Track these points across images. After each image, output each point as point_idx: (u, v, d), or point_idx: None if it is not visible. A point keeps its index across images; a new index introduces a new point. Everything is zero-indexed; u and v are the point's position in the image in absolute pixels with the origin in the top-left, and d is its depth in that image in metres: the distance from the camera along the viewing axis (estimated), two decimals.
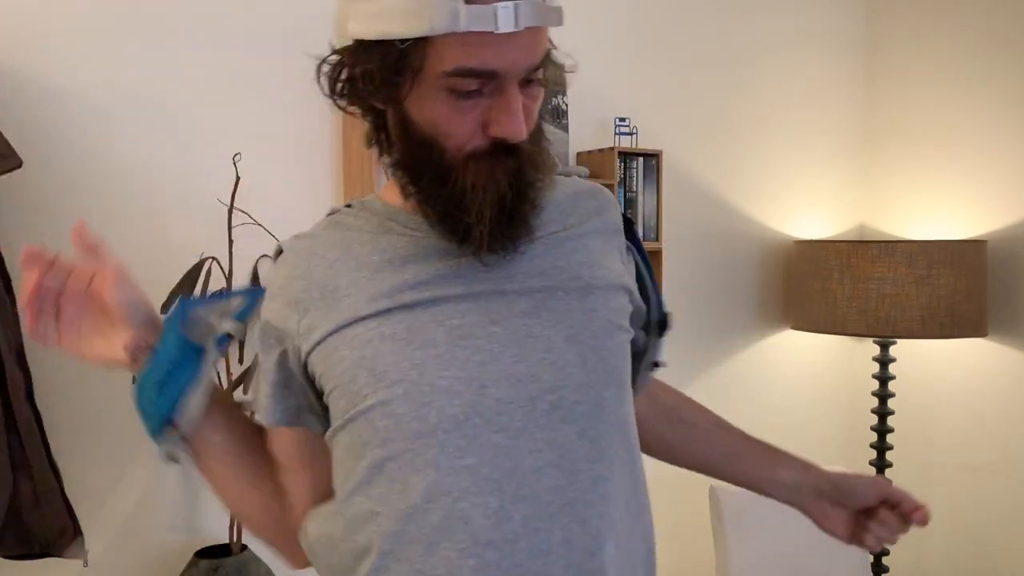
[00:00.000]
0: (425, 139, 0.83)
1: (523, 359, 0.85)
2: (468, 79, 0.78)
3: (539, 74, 0.82)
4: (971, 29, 2.62)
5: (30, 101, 1.65)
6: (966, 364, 2.61)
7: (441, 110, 0.80)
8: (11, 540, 1.51)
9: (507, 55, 0.77)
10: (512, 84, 0.79)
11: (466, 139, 0.81)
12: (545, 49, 0.81)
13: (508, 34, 0.75)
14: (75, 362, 1.70)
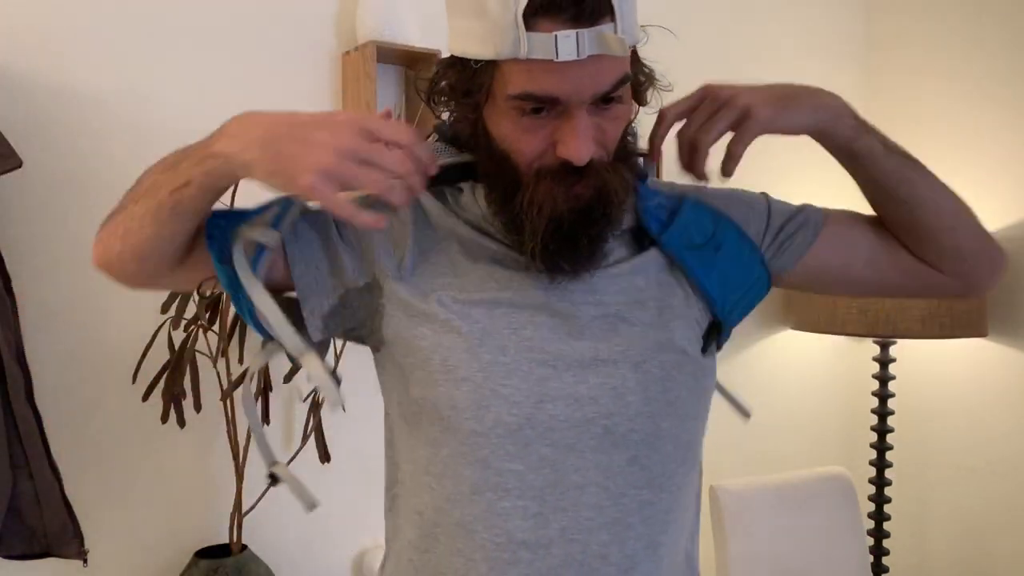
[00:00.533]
0: (500, 153, 0.85)
1: (584, 380, 0.87)
2: (530, 103, 0.79)
3: (617, 94, 0.81)
4: (971, 29, 2.62)
5: (30, 101, 1.65)
6: (966, 364, 2.62)
7: (511, 128, 0.82)
8: (11, 540, 1.51)
9: (569, 82, 0.77)
10: (578, 107, 0.79)
11: (535, 157, 0.82)
12: (619, 75, 0.80)
13: (571, 62, 0.76)
14: (75, 362, 1.70)
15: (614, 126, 0.84)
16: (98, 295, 1.72)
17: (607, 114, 0.82)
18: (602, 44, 0.76)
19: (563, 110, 0.80)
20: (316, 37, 1.95)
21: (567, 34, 0.75)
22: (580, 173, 0.81)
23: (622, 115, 0.85)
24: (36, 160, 1.64)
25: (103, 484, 1.73)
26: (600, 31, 0.76)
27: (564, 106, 0.79)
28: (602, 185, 0.83)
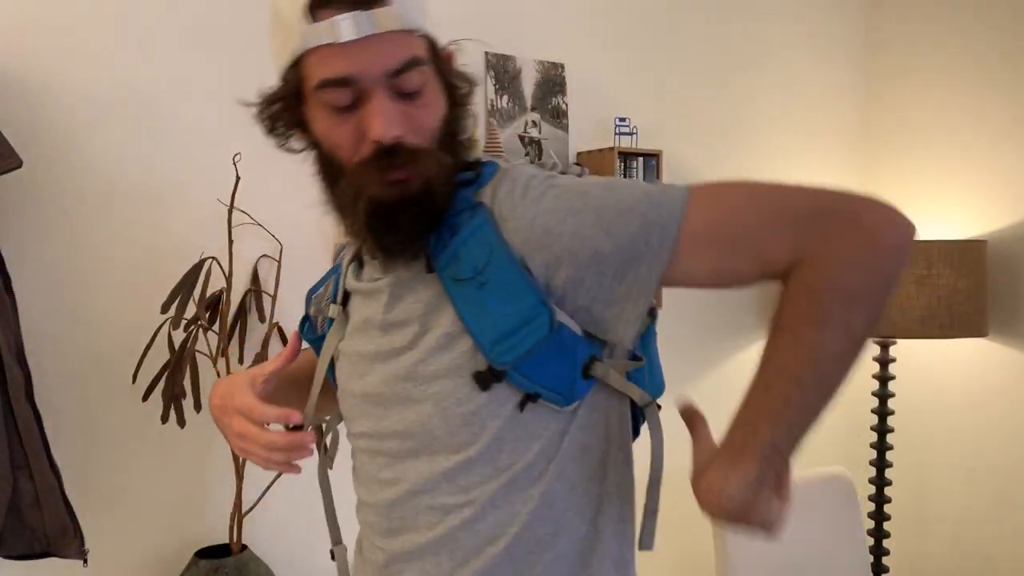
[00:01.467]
0: (326, 154, 0.89)
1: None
2: (332, 90, 0.84)
3: (410, 79, 0.85)
4: (971, 30, 2.62)
5: (30, 101, 1.65)
6: (966, 364, 2.62)
7: (325, 125, 0.87)
8: (11, 540, 1.51)
9: (358, 61, 0.83)
10: (376, 89, 0.84)
11: (352, 150, 0.86)
12: (407, 55, 0.84)
13: (357, 42, 0.82)
14: (75, 362, 1.70)
15: (424, 114, 0.87)
16: (98, 295, 1.72)
17: (413, 103, 0.86)
18: (379, 22, 0.82)
19: (365, 98, 0.84)
20: None
21: (344, 16, 0.81)
22: (394, 156, 0.84)
23: (431, 104, 0.88)
24: (36, 160, 1.64)
25: (103, 484, 1.73)
26: (378, 11, 0.82)
27: (364, 92, 0.84)
28: (417, 167, 0.85)
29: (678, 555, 2.53)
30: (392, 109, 0.84)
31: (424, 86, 0.86)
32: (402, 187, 0.85)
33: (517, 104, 2.21)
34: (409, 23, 0.84)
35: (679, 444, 2.78)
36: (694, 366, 2.59)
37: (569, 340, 0.88)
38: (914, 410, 2.70)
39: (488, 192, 0.89)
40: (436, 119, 0.88)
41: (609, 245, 0.83)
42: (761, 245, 0.82)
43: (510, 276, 0.86)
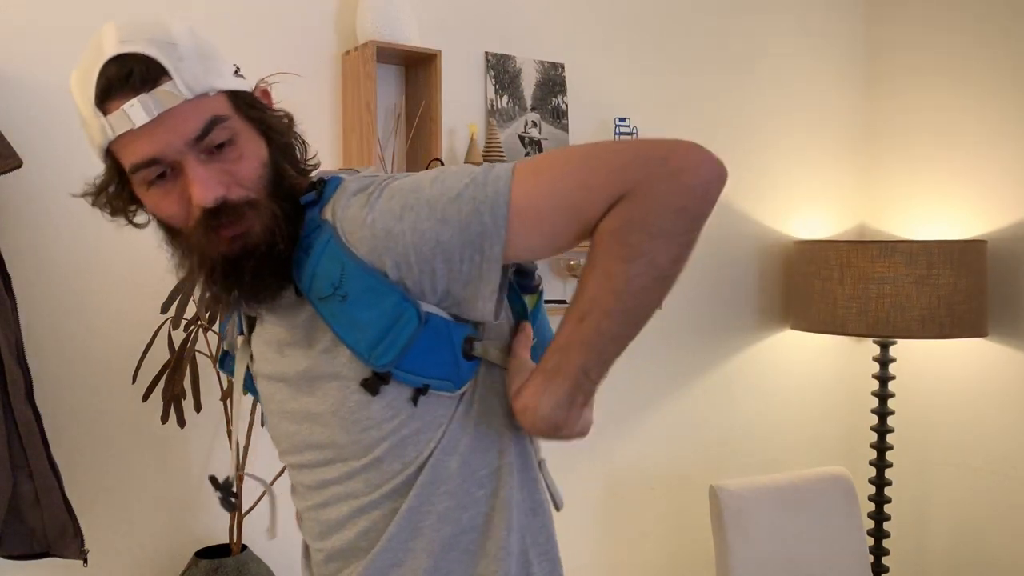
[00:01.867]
0: (166, 226, 0.93)
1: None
2: (144, 171, 0.88)
3: (216, 137, 0.87)
4: (971, 30, 2.62)
5: (30, 101, 1.65)
6: (966, 364, 2.62)
7: (153, 201, 0.91)
8: (11, 540, 1.51)
9: (157, 141, 0.86)
10: (186, 158, 0.87)
11: (184, 217, 0.90)
12: (204, 119, 0.87)
13: (151, 124, 0.85)
14: (75, 362, 1.70)
15: (243, 166, 0.90)
16: (98, 295, 1.72)
17: (227, 157, 0.89)
18: (163, 101, 0.85)
19: (178, 170, 0.88)
20: (316, 37, 1.95)
21: (131, 104, 0.85)
22: (222, 215, 0.88)
23: (246, 154, 0.90)
24: (36, 160, 1.64)
25: (103, 484, 1.73)
26: (159, 91, 0.85)
27: (175, 165, 0.87)
28: (249, 219, 0.89)
29: (678, 555, 2.53)
30: (206, 173, 0.87)
31: (235, 137, 0.89)
32: (243, 240, 0.89)
33: (517, 104, 2.21)
34: (196, 90, 0.87)
35: (678, 443, 2.78)
36: (694, 366, 2.59)
37: (441, 327, 0.92)
38: (914, 410, 2.70)
39: (329, 209, 0.93)
40: (256, 166, 0.91)
41: (448, 232, 0.87)
42: (582, 207, 0.87)
43: (366, 283, 0.89)
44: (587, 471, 2.38)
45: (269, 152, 0.93)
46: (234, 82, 0.92)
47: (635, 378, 2.46)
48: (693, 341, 2.58)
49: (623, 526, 2.46)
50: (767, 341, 2.74)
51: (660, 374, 2.52)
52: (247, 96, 0.94)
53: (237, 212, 0.88)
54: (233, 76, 0.92)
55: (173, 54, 0.86)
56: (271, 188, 0.92)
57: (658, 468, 2.53)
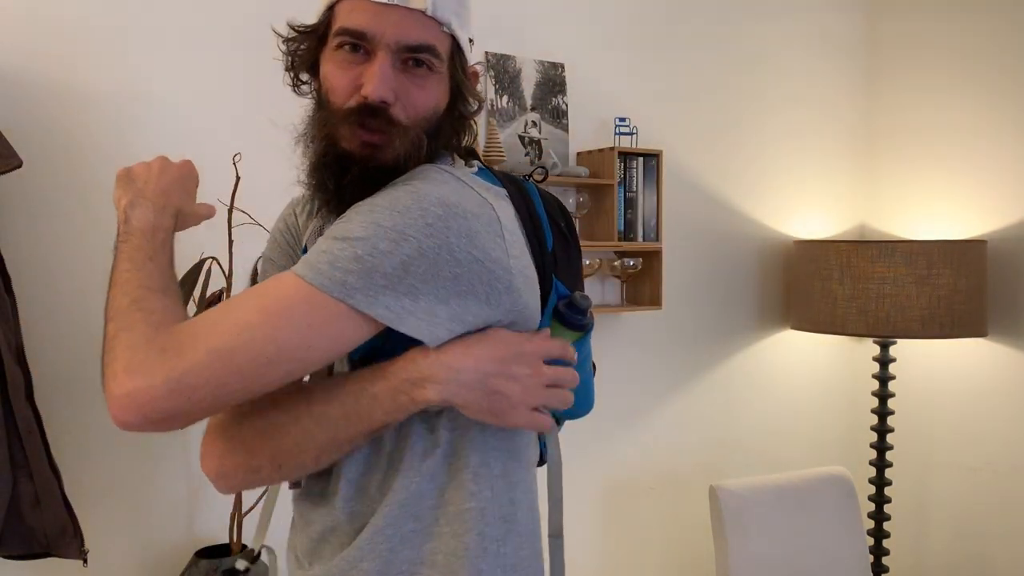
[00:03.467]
0: (323, 99, 0.94)
1: None
2: (348, 38, 0.90)
3: (423, 57, 0.90)
4: (971, 30, 2.62)
5: (30, 101, 1.65)
6: (966, 364, 2.61)
7: (331, 67, 0.92)
8: (11, 540, 1.51)
9: (379, 22, 0.88)
10: (383, 51, 0.89)
11: (344, 96, 0.90)
12: (426, 37, 0.89)
13: (384, 6, 0.88)
14: (75, 362, 1.70)
15: (422, 95, 0.91)
16: (98, 295, 1.72)
17: (415, 79, 0.91)
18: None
19: (371, 56, 0.89)
20: None
21: None
22: (374, 116, 0.89)
23: (431, 87, 0.92)
24: (36, 160, 1.64)
25: (103, 484, 1.73)
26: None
27: (374, 51, 0.89)
28: (392, 138, 0.90)
29: (678, 555, 2.53)
30: (390, 74, 0.89)
31: (432, 72, 0.92)
32: (374, 151, 0.89)
33: (517, 104, 2.21)
34: (438, 14, 0.90)
35: (678, 443, 2.79)
36: (694, 366, 2.59)
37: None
38: (914, 410, 2.70)
39: None
40: (430, 106, 0.93)
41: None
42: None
43: None
44: (587, 471, 2.38)
45: (446, 109, 0.95)
46: (465, 42, 0.96)
47: (635, 378, 2.46)
48: (693, 341, 2.58)
49: (623, 526, 2.45)
50: (767, 341, 2.74)
51: (660, 374, 2.52)
52: (463, 58, 0.96)
53: (388, 123, 0.89)
54: (468, 40, 0.97)
55: None
56: (425, 135, 0.93)
57: (658, 468, 2.53)
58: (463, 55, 0.96)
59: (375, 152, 0.89)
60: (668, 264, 2.43)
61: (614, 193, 2.24)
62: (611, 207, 2.25)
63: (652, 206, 2.34)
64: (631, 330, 2.44)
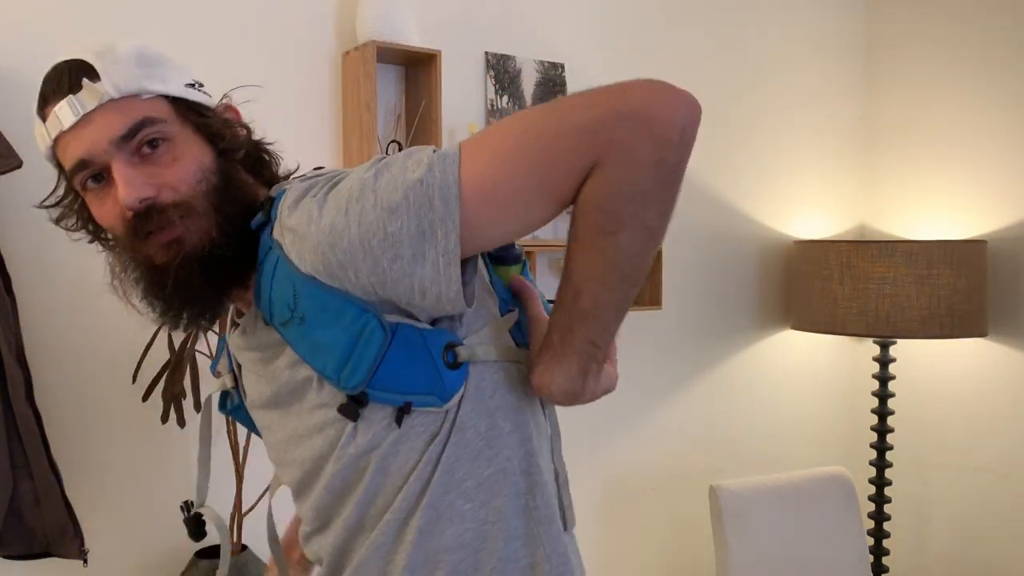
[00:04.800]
0: (110, 235, 0.92)
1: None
2: (78, 174, 0.87)
3: (147, 133, 0.86)
4: (971, 29, 2.62)
5: (30, 101, 1.65)
6: (966, 364, 2.62)
7: (95, 209, 0.90)
8: (11, 540, 1.51)
9: (85, 140, 0.85)
10: (114, 160, 0.85)
11: (120, 224, 0.88)
12: (133, 119, 0.85)
13: (80, 123, 0.85)
14: (75, 362, 1.70)
15: (177, 169, 0.87)
16: (98, 295, 1.72)
17: (160, 160, 0.87)
18: (88, 101, 0.85)
19: (111, 174, 0.86)
20: (316, 37, 1.95)
21: (60, 106, 0.86)
22: (149, 218, 0.85)
23: (182, 158, 0.88)
24: (36, 160, 1.63)
25: (103, 484, 1.73)
26: (85, 90, 0.85)
27: (106, 168, 0.86)
28: (182, 222, 0.86)
29: (678, 555, 2.53)
30: (132, 174, 0.85)
31: (170, 141, 0.87)
32: (177, 248, 0.86)
33: (517, 104, 2.21)
34: (124, 90, 0.86)
35: (678, 443, 2.79)
36: (694, 366, 2.59)
37: (414, 337, 0.84)
38: (914, 410, 2.70)
39: (278, 227, 0.86)
40: (192, 171, 0.88)
41: (396, 223, 0.77)
42: (550, 183, 0.78)
43: (320, 300, 0.82)
44: (587, 471, 2.38)
45: (216, 160, 0.90)
46: (183, 91, 0.90)
47: (635, 378, 2.46)
48: (693, 341, 2.58)
49: (623, 526, 2.45)
50: (767, 341, 2.74)
51: (660, 374, 2.52)
52: (194, 104, 0.91)
53: (166, 216, 0.85)
54: (185, 87, 0.90)
55: (107, 58, 0.86)
56: (215, 196, 0.88)
57: (658, 468, 2.53)
58: (190, 103, 0.91)
59: (181, 246, 0.86)
60: (668, 264, 2.43)
61: None
62: None
63: None
64: (631, 330, 2.44)
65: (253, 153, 0.95)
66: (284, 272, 0.84)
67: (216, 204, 0.87)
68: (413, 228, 0.77)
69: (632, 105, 0.78)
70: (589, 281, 0.82)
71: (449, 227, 0.77)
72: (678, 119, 0.80)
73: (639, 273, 0.83)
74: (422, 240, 0.77)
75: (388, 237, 0.77)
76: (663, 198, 0.80)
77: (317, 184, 0.85)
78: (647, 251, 0.82)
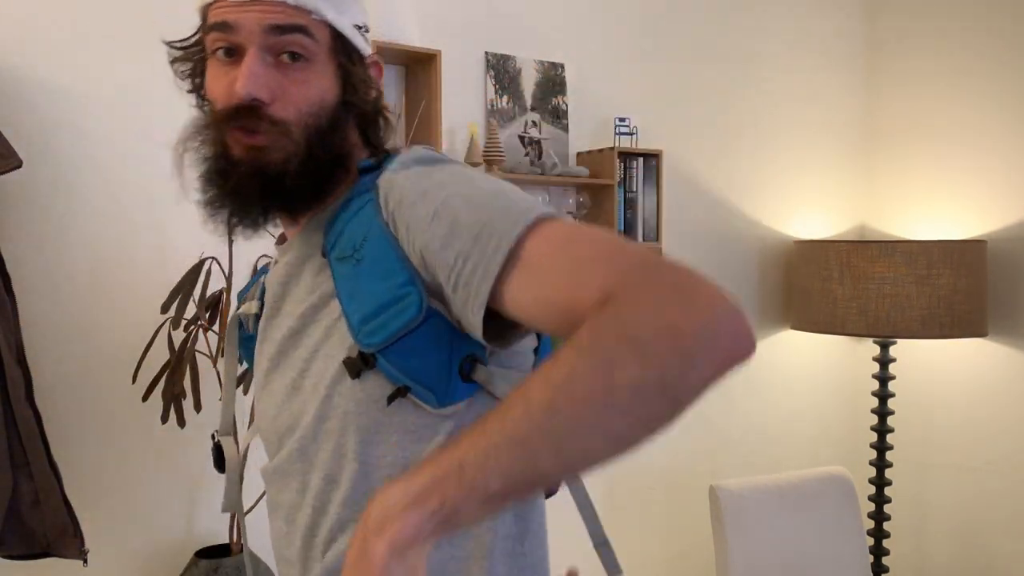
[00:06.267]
0: (209, 107, 0.92)
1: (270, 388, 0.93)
2: (215, 35, 0.86)
3: (289, 43, 0.85)
4: (971, 29, 2.62)
5: (30, 101, 1.65)
6: (966, 364, 2.62)
7: (211, 76, 0.90)
8: (11, 540, 1.51)
9: (240, 14, 0.85)
10: (252, 47, 0.85)
11: (223, 102, 0.87)
12: (292, 19, 0.85)
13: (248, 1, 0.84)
14: (75, 362, 1.70)
15: (301, 89, 0.86)
16: (98, 295, 1.72)
17: (292, 73, 0.86)
18: None
19: (242, 56, 0.86)
20: None
21: None
22: (247, 117, 0.85)
23: (312, 81, 0.87)
24: (36, 160, 1.64)
25: (103, 484, 1.73)
26: None
27: (241, 48, 0.85)
28: (273, 137, 0.85)
29: (678, 555, 2.53)
30: (260, 69, 0.84)
31: (309, 60, 0.86)
32: (257, 153, 0.85)
33: (517, 104, 2.21)
34: (303, 3, 0.85)
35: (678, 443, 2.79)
36: None
37: (443, 331, 0.80)
38: (914, 410, 2.70)
39: (386, 175, 0.86)
40: (312, 98, 0.87)
41: (470, 216, 0.74)
42: (581, 278, 0.68)
43: (382, 252, 0.81)
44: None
45: (336, 105, 0.89)
46: (349, 31, 0.90)
47: None
48: None
49: (623, 526, 2.45)
50: (767, 341, 2.74)
51: None
52: (351, 46, 0.90)
53: (263, 124, 0.85)
54: (352, 26, 0.90)
55: None
56: (314, 135, 0.87)
57: (658, 468, 2.53)
58: (348, 43, 0.90)
59: (259, 155, 0.85)
60: None
61: (614, 193, 2.24)
62: (611, 207, 2.25)
63: (652, 206, 2.34)
64: None
65: (371, 116, 0.94)
66: (367, 215, 0.84)
67: (310, 142, 0.87)
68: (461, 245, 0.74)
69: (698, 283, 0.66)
70: (520, 394, 0.64)
71: (487, 268, 0.72)
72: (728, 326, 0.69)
73: (569, 433, 0.61)
74: (469, 259, 0.73)
75: (434, 240, 0.75)
76: (652, 369, 0.61)
77: (441, 162, 0.86)
78: (593, 412, 0.61)
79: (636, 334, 0.61)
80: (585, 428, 0.61)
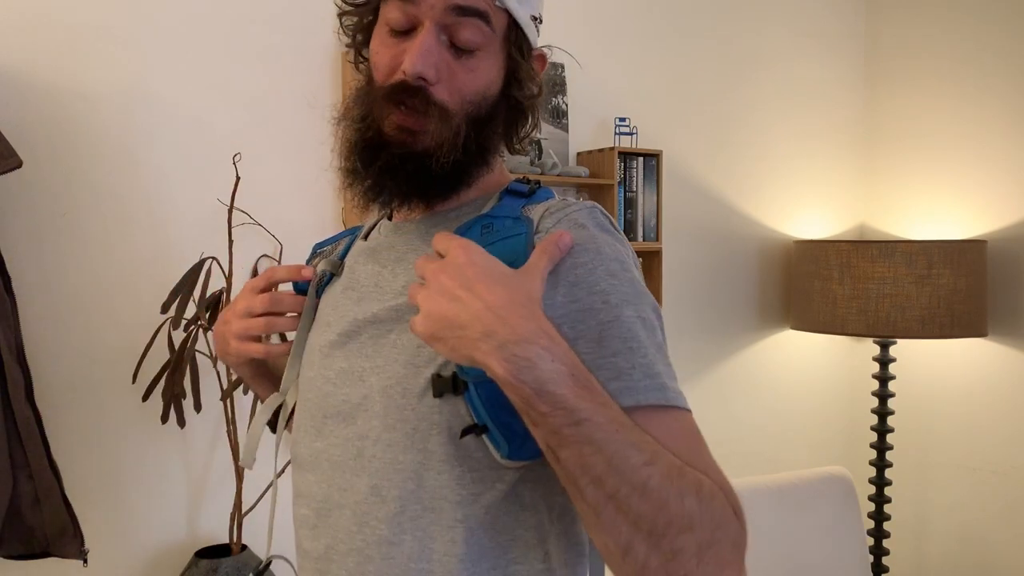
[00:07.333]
0: (369, 74, 0.88)
1: (333, 368, 0.89)
2: (393, 4, 0.83)
3: (467, 28, 0.82)
4: (971, 29, 2.62)
5: (30, 101, 1.65)
6: (966, 364, 2.62)
7: (378, 42, 0.86)
8: (11, 540, 1.51)
9: None
10: (428, 24, 0.82)
11: (386, 74, 0.84)
12: (478, 4, 0.82)
13: None
14: (75, 362, 1.70)
15: (468, 76, 0.84)
16: (98, 295, 1.72)
17: (463, 61, 0.83)
18: None
19: (416, 31, 0.83)
20: (316, 37, 1.95)
21: None
22: (412, 95, 0.82)
23: (479, 71, 0.84)
24: (36, 160, 1.64)
25: (103, 484, 1.73)
26: None
27: (419, 23, 0.82)
28: (430, 123, 0.82)
29: None
30: (433, 48, 0.81)
31: (480, 49, 0.84)
32: (407, 136, 0.83)
33: None
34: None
35: None
36: (694, 366, 2.59)
37: None
38: (914, 410, 2.70)
39: (538, 212, 0.83)
40: (478, 89, 0.84)
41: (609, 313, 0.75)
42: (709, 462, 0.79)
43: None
44: None
45: (498, 96, 0.87)
46: (526, 21, 0.87)
47: None
48: (693, 341, 2.58)
49: None
50: (767, 341, 2.74)
51: None
52: (523, 37, 0.88)
53: (424, 105, 0.82)
54: (530, 18, 0.87)
55: None
56: (471, 125, 0.84)
57: None
58: (522, 34, 0.87)
59: (408, 138, 0.83)
60: (668, 264, 2.43)
61: (614, 193, 2.24)
62: (611, 207, 2.25)
63: (652, 206, 2.34)
64: None
65: (524, 111, 0.91)
66: (514, 249, 0.80)
67: (467, 131, 0.84)
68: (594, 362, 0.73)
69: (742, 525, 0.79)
70: (647, 436, 0.70)
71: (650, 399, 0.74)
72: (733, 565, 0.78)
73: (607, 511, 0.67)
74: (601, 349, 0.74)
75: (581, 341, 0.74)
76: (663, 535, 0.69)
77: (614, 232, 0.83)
78: (621, 503, 0.66)
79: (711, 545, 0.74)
80: (646, 521, 0.68)
